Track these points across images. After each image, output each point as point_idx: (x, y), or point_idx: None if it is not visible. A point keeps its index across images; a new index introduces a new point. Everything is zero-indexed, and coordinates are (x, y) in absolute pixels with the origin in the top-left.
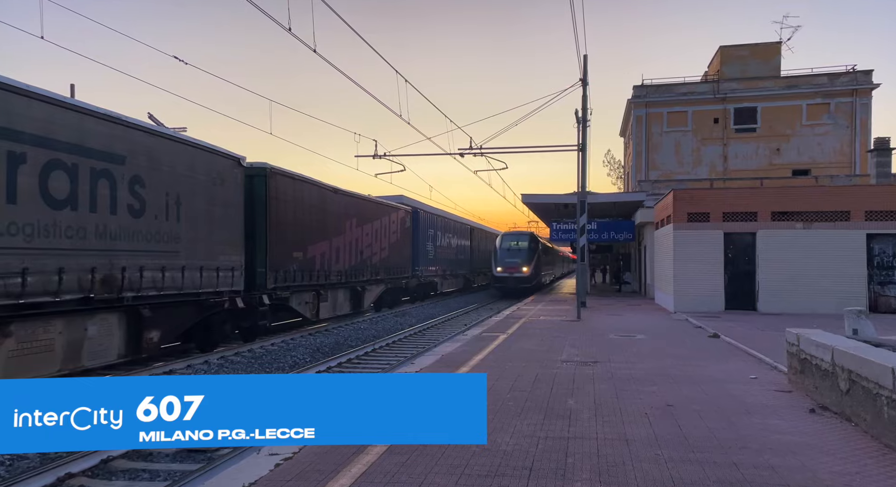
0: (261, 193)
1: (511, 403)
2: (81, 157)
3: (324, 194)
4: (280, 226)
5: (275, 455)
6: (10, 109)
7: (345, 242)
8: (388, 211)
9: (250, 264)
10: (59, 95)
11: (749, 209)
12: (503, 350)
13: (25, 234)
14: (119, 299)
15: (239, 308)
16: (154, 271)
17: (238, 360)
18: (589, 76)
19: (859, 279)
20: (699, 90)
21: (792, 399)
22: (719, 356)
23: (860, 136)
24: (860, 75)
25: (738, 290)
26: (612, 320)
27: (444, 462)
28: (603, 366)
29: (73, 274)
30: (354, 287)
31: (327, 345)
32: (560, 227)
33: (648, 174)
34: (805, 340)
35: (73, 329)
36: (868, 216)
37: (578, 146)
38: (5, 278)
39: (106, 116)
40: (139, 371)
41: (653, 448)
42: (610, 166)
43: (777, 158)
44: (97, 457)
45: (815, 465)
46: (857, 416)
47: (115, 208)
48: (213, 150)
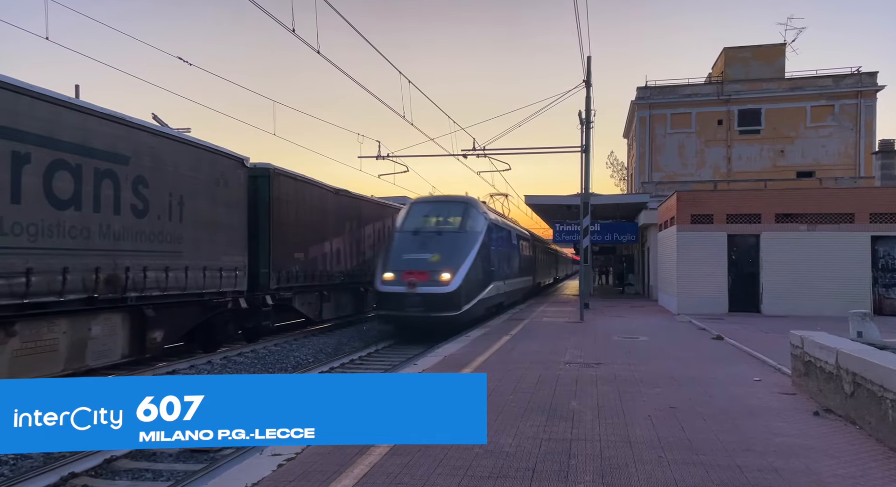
0: (264, 193)
1: (514, 404)
2: (85, 157)
3: (326, 195)
4: (283, 227)
5: (277, 456)
6: (14, 109)
7: (347, 242)
8: (390, 212)
9: (253, 265)
10: (63, 95)
11: (753, 211)
12: (506, 351)
13: (30, 234)
14: (123, 299)
15: (242, 309)
16: (157, 271)
17: (241, 360)
18: (592, 78)
19: (864, 282)
20: (703, 92)
21: (796, 402)
22: (723, 359)
23: (865, 138)
24: (865, 77)
25: (741, 292)
26: (615, 321)
27: (446, 464)
28: (606, 368)
29: (77, 274)
30: (357, 288)
31: (330, 346)
32: (563, 228)
33: (652, 176)
34: (809, 342)
35: (77, 329)
36: (872, 219)
37: (582, 148)
38: (10, 278)
39: (110, 116)
40: (143, 371)
41: (656, 451)
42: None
43: (781, 160)
44: (100, 457)
45: (819, 468)
46: (861, 419)
47: (119, 208)
48: (216, 150)
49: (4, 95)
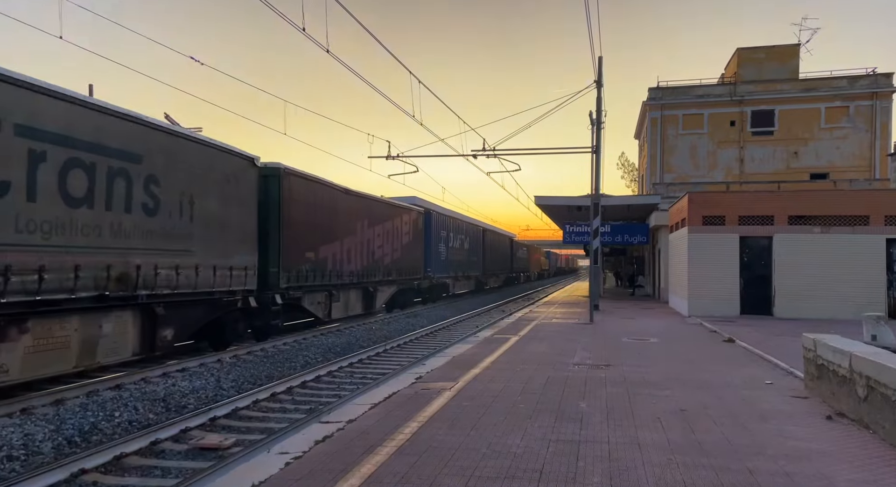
0: (274, 193)
1: (522, 405)
2: (99, 155)
3: (336, 195)
4: (293, 226)
5: (285, 454)
6: (31, 108)
7: (357, 242)
8: (400, 212)
9: (263, 264)
10: (79, 94)
11: (765, 213)
12: (515, 353)
13: (43, 231)
14: (134, 297)
15: (252, 308)
16: (168, 269)
17: (250, 359)
18: (604, 78)
19: (878, 285)
20: (715, 92)
21: (808, 406)
22: (734, 361)
23: (880, 139)
24: (880, 78)
25: (753, 294)
26: (625, 323)
27: (453, 464)
28: (615, 370)
29: (89, 272)
30: (366, 288)
31: (339, 345)
32: (573, 229)
33: (663, 177)
34: (822, 345)
35: (88, 327)
36: (888, 221)
37: (592, 148)
38: (23, 275)
39: (124, 115)
40: (153, 369)
41: (665, 453)
42: (624, 169)
43: (795, 162)
44: (110, 454)
45: (832, 473)
46: (875, 423)
47: (131, 206)
48: (227, 150)
49: (22, 93)
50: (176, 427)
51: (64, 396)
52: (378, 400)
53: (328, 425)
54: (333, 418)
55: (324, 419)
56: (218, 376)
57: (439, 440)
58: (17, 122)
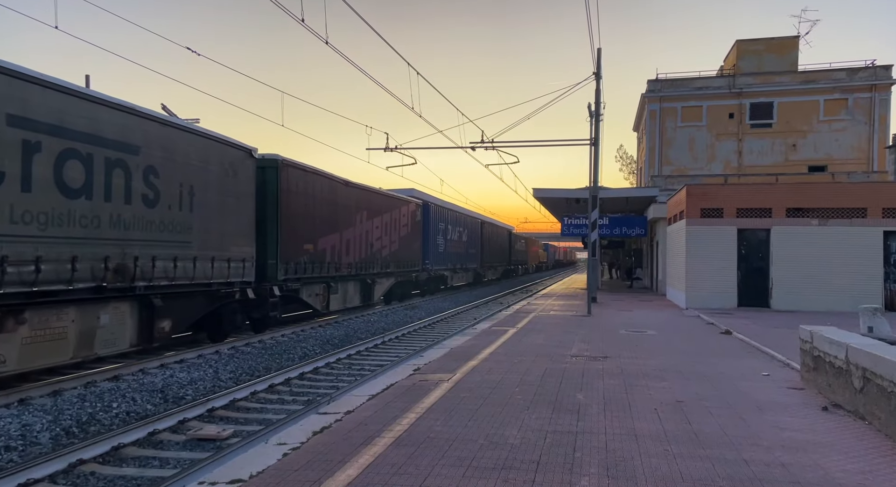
0: (272, 184)
1: (519, 397)
2: (96, 146)
3: (334, 187)
4: (291, 218)
5: (283, 445)
6: (25, 98)
7: (355, 234)
8: (398, 204)
9: (261, 256)
10: (74, 84)
11: (763, 205)
12: (512, 344)
13: (40, 222)
14: (131, 288)
15: (250, 299)
16: (166, 260)
17: (248, 350)
18: (602, 70)
19: (875, 277)
20: (714, 85)
21: (804, 397)
22: (731, 353)
23: (878, 132)
24: (879, 70)
25: (751, 287)
26: (622, 315)
27: (450, 455)
28: (613, 361)
29: (87, 263)
30: (364, 280)
31: (337, 337)
32: (571, 222)
33: (662, 170)
34: (819, 337)
35: (85, 318)
36: (885, 214)
37: (591, 140)
38: (20, 266)
39: (120, 106)
40: (150, 360)
41: (662, 444)
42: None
43: (793, 155)
44: (108, 444)
45: (828, 463)
46: (870, 414)
47: (129, 197)
48: (225, 141)
49: (15, 83)
50: (174, 418)
51: (62, 387)
52: (376, 391)
53: (326, 416)
54: (331, 409)
55: (322, 410)
56: (216, 367)
57: (437, 431)
58: (9, 112)
